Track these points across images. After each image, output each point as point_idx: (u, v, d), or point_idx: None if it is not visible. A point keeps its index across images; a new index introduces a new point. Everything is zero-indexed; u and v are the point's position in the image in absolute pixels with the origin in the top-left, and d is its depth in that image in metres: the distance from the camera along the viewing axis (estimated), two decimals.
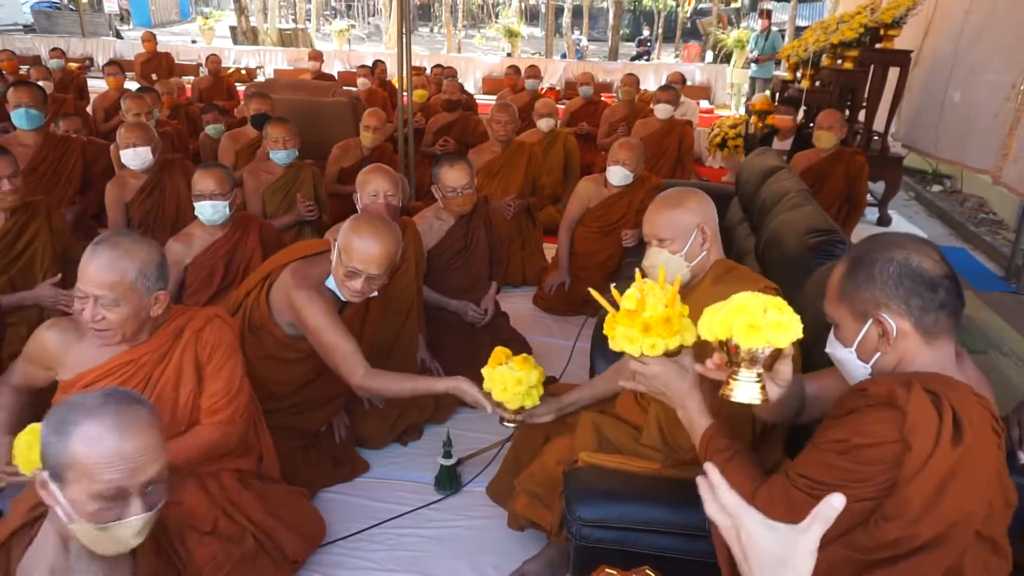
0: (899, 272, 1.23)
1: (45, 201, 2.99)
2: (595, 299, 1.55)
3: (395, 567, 2.19)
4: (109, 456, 1.19)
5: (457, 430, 2.71)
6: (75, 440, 1.19)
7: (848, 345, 1.29)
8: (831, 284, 1.32)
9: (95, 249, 1.70)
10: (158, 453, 1.26)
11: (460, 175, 3.00)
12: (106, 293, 1.68)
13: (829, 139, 4.41)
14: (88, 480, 1.19)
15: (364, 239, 2.13)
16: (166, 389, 1.84)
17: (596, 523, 1.62)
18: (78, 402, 1.23)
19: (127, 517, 1.21)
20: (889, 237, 1.30)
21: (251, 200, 3.75)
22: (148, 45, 9.07)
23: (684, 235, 1.83)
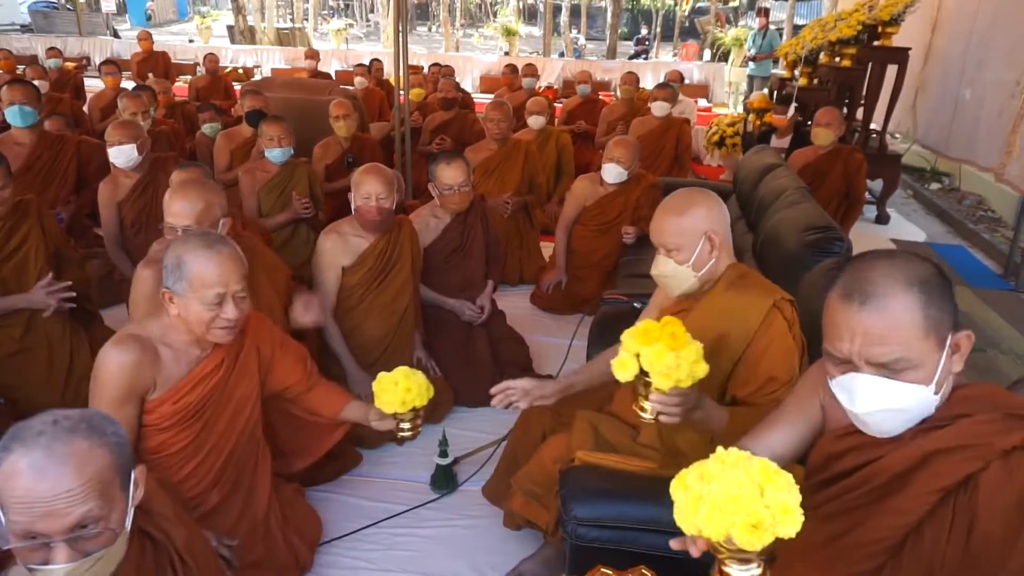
0: (943, 284, 1.10)
1: (36, 200, 2.96)
2: (593, 299, 1.55)
3: (391, 567, 2.18)
4: (19, 496, 1.06)
5: (453, 430, 2.70)
6: (2, 469, 1.07)
7: (927, 383, 1.08)
8: (907, 323, 1.06)
9: (213, 249, 1.69)
10: (89, 495, 1.08)
11: (456, 172, 2.98)
12: (242, 285, 1.73)
13: (827, 136, 4.39)
14: (6, 517, 1.08)
15: (171, 195, 2.19)
16: (235, 387, 1.88)
17: (592, 522, 1.61)
18: (27, 425, 1.12)
19: (53, 563, 1.07)
20: (900, 253, 1.15)
21: (247, 198, 3.73)
22: (144, 44, 9.03)
23: (691, 244, 1.76)
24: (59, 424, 1.12)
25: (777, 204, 3.10)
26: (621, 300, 2.76)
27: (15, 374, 2.74)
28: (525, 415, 2.23)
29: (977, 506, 1.04)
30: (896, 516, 1.11)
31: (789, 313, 1.72)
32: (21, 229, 2.85)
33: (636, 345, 1.45)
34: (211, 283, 1.67)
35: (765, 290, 1.75)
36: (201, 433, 1.84)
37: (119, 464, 1.16)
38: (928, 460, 1.09)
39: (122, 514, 1.16)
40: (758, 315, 1.68)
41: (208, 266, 1.67)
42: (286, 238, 3.73)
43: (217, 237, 1.77)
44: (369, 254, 2.71)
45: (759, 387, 1.67)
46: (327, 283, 2.72)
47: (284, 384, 2.04)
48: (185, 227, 2.12)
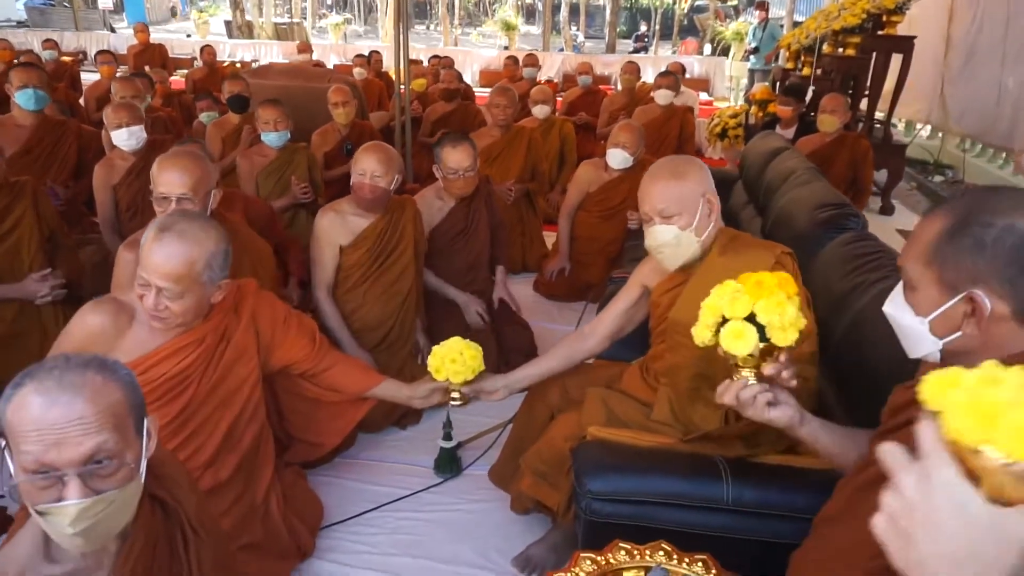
0: (1018, 245, 0.97)
1: (31, 182, 2.89)
2: (597, 285, 1.48)
3: (394, 551, 2.11)
4: (30, 425, 1.00)
5: (457, 414, 2.62)
6: (12, 402, 1.02)
7: (922, 314, 1.07)
8: (920, 239, 1.06)
9: (160, 237, 1.61)
10: (103, 425, 1.03)
11: (462, 156, 2.90)
12: (171, 286, 1.60)
13: (832, 123, 4.35)
14: (16, 450, 1.02)
15: (161, 166, 2.12)
16: (229, 368, 1.81)
17: (608, 496, 1.54)
18: (38, 364, 1.08)
19: (65, 499, 1.01)
20: (1013, 196, 1.04)
21: (245, 183, 3.67)
22: (141, 36, 8.97)
23: (691, 208, 1.71)
24: (71, 360, 1.07)
25: (786, 186, 3.04)
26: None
27: (6, 358, 2.67)
28: (530, 396, 2.16)
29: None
30: None
31: (791, 267, 1.68)
32: (15, 211, 2.78)
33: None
34: (142, 265, 1.62)
35: (764, 247, 1.70)
36: (184, 411, 1.76)
37: (133, 403, 1.10)
38: None
39: (137, 457, 1.10)
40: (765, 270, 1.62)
41: (146, 248, 1.61)
42: (285, 223, 3.65)
43: (182, 227, 1.64)
44: (369, 234, 2.65)
45: None
46: (323, 261, 2.65)
47: (290, 360, 1.98)
48: (180, 196, 2.04)
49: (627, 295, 2.01)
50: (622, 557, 1.29)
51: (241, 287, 1.88)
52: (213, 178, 2.21)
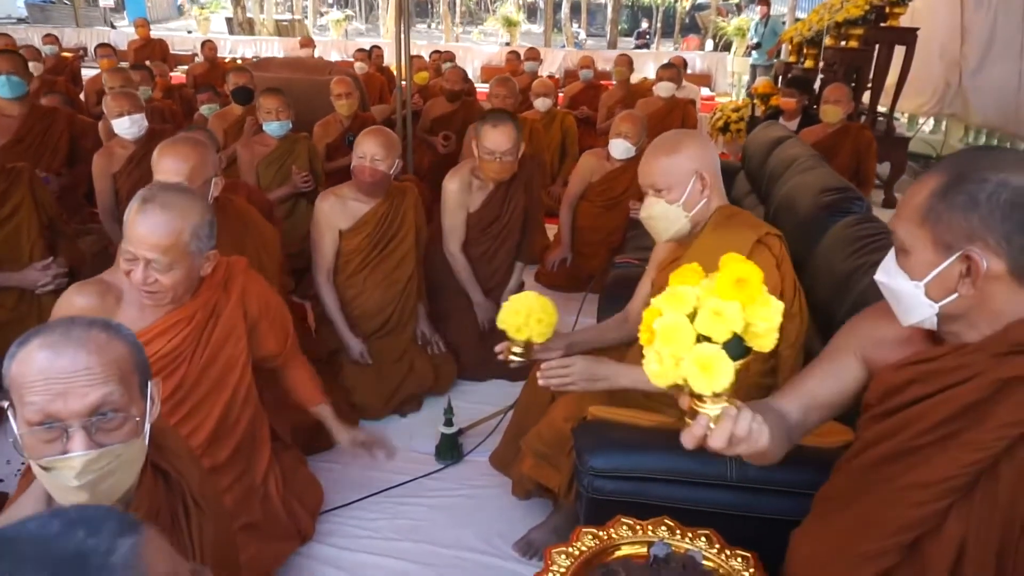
0: (1013, 201, 0.96)
1: (28, 169, 2.88)
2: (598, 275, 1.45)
3: (395, 535, 2.10)
4: (35, 374, 1.00)
5: (458, 401, 2.61)
6: (16, 357, 1.02)
7: (917, 277, 1.04)
8: (912, 201, 1.04)
9: (144, 208, 1.57)
10: (109, 377, 1.03)
11: (501, 139, 2.67)
12: (159, 257, 1.57)
13: (836, 113, 4.32)
14: (20, 405, 1.01)
15: (161, 153, 2.08)
16: (220, 347, 1.77)
17: (609, 473, 1.53)
18: (48, 323, 1.09)
19: (70, 451, 1.00)
20: (1005, 154, 1.05)
21: (246, 173, 3.66)
22: (142, 31, 8.96)
23: (681, 183, 1.72)
24: (76, 320, 1.07)
25: (789, 172, 3.02)
26: (632, 264, 2.68)
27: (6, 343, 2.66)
28: (532, 379, 2.15)
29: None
30: (969, 451, 1.00)
31: (777, 249, 1.67)
32: (13, 197, 2.77)
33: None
34: (128, 238, 1.58)
35: (750, 227, 1.69)
36: (177, 391, 1.74)
37: (137, 362, 1.10)
38: (1009, 388, 0.98)
39: (142, 413, 1.09)
40: (742, 251, 1.61)
41: (131, 221, 1.58)
42: (286, 212, 3.65)
43: (165, 195, 1.62)
44: (369, 219, 2.63)
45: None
46: (323, 245, 2.64)
47: (259, 352, 1.93)
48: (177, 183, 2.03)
49: (647, 278, 2.02)
50: (624, 532, 1.28)
51: (231, 264, 1.85)
52: (213, 166, 2.18)
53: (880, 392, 1.14)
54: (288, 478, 2.06)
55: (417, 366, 2.75)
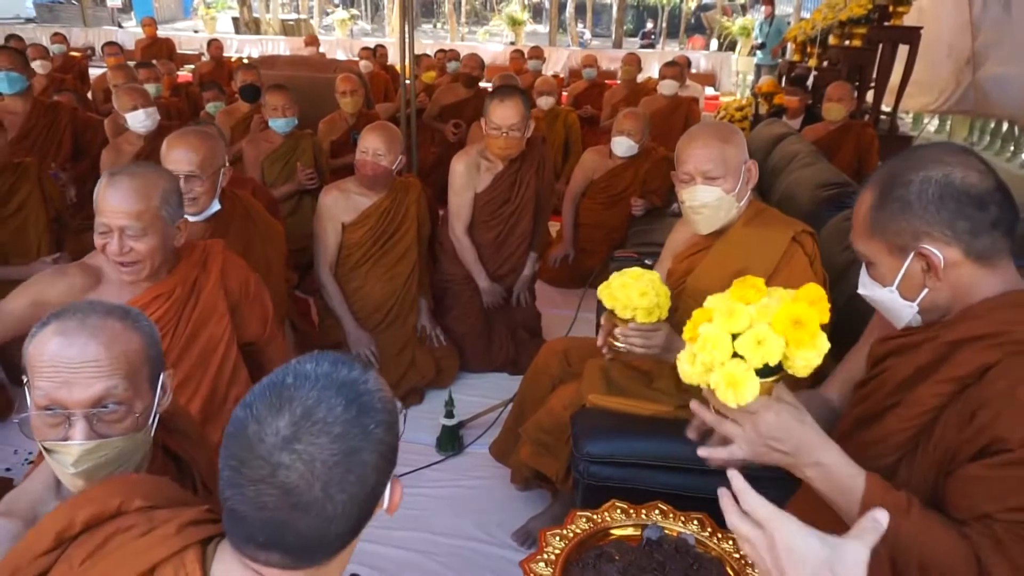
0: (940, 193, 1.02)
1: (35, 164, 2.93)
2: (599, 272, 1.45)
3: (395, 525, 2.11)
4: (46, 361, 1.03)
5: (459, 394, 2.65)
6: (35, 339, 1.05)
7: (888, 284, 1.10)
8: (858, 216, 1.11)
9: (113, 180, 1.59)
10: (115, 370, 1.05)
11: (509, 112, 2.64)
12: (132, 223, 1.58)
13: (839, 111, 4.32)
14: (32, 386, 1.05)
15: (169, 144, 2.08)
16: (201, 324, 1.78)
17: (605, 460, 1.55)
18: (71, 305, 1.11)
19: (67, 441, 1.04)
20: (922, 152, 1.10)
21: (251, 169, 3.68)
22: (149, 30, 9.01)
23: (735, 172, 1.69)
24: (96, 306, 1.10)
25: (790, 168, 3.05)
26: (632, 257, 2.70)
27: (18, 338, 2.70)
28: (534, 368, 2.17)
29: (983, 395, 0.99)
30: (910, 407, 1.07)
31: (810, 247, 1.67)
32: (21, 192, 2.82)
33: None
34: (99, 211, 1.59)
35: (785, 224, 1.70)
36: None
37: (150, 355, 1.12)
38: (953, 350, 1.04)
39: (148, 409, 1.11)
40: (778, 249, 1.63)
41: (102, 193, 1.59)
42: (290, 209, 3.68)
43: (132, 168, 1.64)
44: (372, 212, 2.66)
45: None
46: (326, 238, 2.67)
47: (242, 334, 1.93)
48: (187, 173, 2.05)
49: (662, 267, 2.03)
50: (618, 516, 1.30)
51: (208, 246, 1.85)
52: (222, 156, 2.21)
53: (869, 364, 1.21)
54: None
55: (418, 359, 2.77)
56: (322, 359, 0.80)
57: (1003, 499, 0.93)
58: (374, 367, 0.83)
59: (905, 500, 0.99)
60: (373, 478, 0.77)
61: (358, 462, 0.75)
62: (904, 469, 1.09)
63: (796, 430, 1.03)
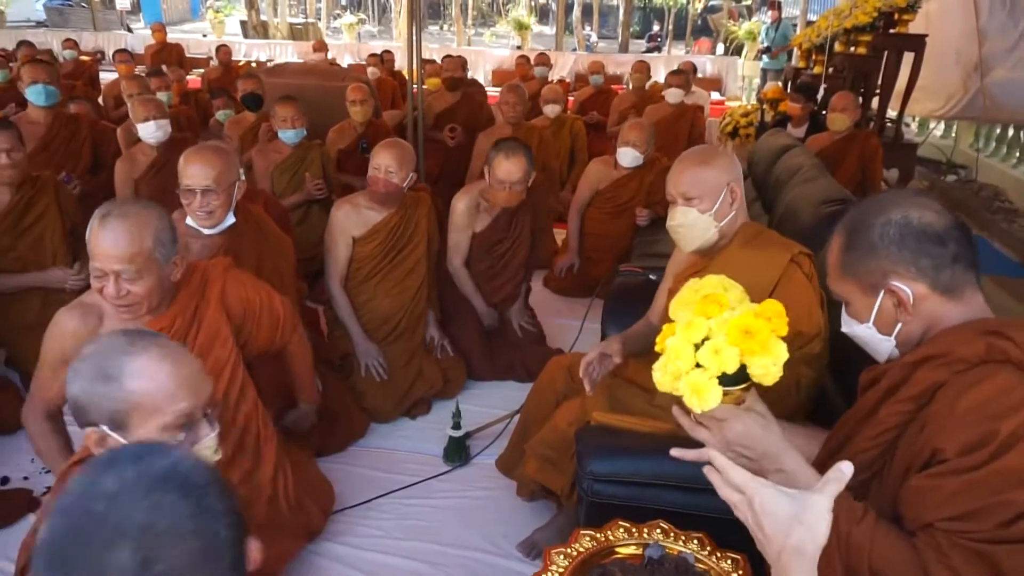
0: (900, 233, 1.11)
1: (52, 177, 2.99)
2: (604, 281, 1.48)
3: (404, 536, 2.17)
4: (173, 386, 1.16)
5: (466, 404, 2.68)
6: (130, 384, 1.14)
7: (864, 321, 1.18)
8: (830, 260, 1.21)
9: (104, 223, 1.59)
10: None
11: (513, 169, 2.76)
12: (126, 267, 1.59)
13: (843, 121, 4.35)
14: (158, 415, 1.16)
15: (187, 159, 2.16)
16: (206, 351, 1.81)
17: (608, 478, 1.59)
18: (102, 349, 1.17)
19: (200, 440, 1.20)
20: (882, 197, 1.20)
21: (260, 179, 3.74)
22: (158, 36, 9.10)
23: (713, 193, 1.76)
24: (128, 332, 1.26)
25: (793, 181, 3.07)
26: (636, 272, 2.74)
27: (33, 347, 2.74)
28: (539, 384, 2.21)
29: (931, 411, 1.05)
30: (874, 427, 1.13)
31: (808, 267, 1.71)
32: (38, 205, 2.87)
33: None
34: (93, 255, 1.61)
35: (783, 245, 1.73)
36: None
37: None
38: (912, 371, 1.11)
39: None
40: (776, 270, 1.67)
41: (93, 237, 1.60)
42: (299, 218, 3.73)
43: (122, 208, 1.64)
44: (382, 227, 2.71)
45: (788, 342, 1.64)
46: (337, 251, 2.72)
47: (253, 348, 1.98)
48: (204, 187, 2.11)
49: (664, 287, 2.08)
50: (621, 534, 1.34)
51: (207, 268, 1.89)
52: (236, 171, 2.26)
53: (860, 389, 1.26)
54: (301, 476, 2.12)
55: (426, 370, 2.82)
56: (114, 464, 0.68)
57: (941, 508, 0.99)
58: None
59: (860, 509, 1.06)
60: (233, 552, 0.68)
61: (218, 546, 0.66)
62: (875, 488, 1.14)
63: (761, 439, 1.13)
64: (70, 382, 1.17)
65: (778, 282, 1.67)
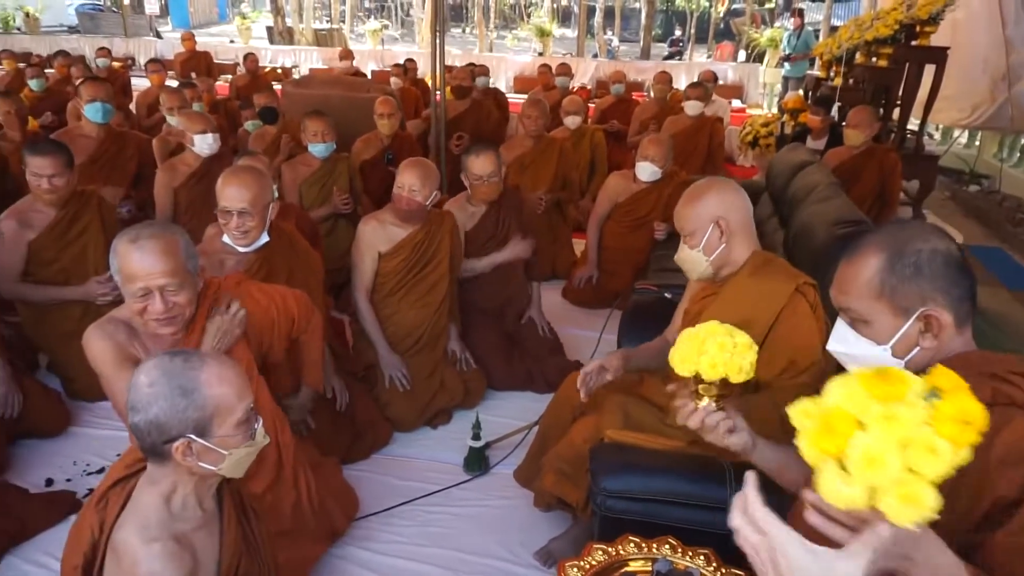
0: (945, 262, 1.15)
1: (96, 192, 3.13)
2: (624, 293, 1.57)
3: (425, 542, 2.27)
4: (239, 386, 1.32)
5: (486, 415, 2.78)
6: (208, 392, 1.28)
7: (883, 342, 1.19)
8: (862, 279, 1.19)
9: (139, 245, 1.68)
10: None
11: (485, 163, 3.04)
12: (170, 280, 1.70)
13: (858, 137, 4.37)
14: (232, 415, 1.31)
15: (225, 181, 2.27)
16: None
17: (620, 495, 1.67)
18: (164, 373, 1.28)
19: (257, 426, 1.37)
20: (914, 225, 1.23)
21: (289, 192, 3.86)
22: (188, 44, 9.30)
23: (701, 229, 1.84)
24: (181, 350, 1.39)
25: (808, 200, 3.12)
26: (652, 290, 2.81)
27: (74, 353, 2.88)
28: (557, 398, 2.30)
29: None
30: None
31: (812, 297, 1.77)
32: (83, 219, 3.01)
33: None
34: (133, 277, 1.69)
35: (788, 275, 1.80)
36: None
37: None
38: None
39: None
40: (780, 300, 1.74)
41: (129, 261, 1.68)
42: (326, 231, 3.84)
43: (149, 229, 1.73)
44: (407, 243, 2.81)
45: (781, 371, 1.73)
46: (363, 266, 2.82)
47: (274, 352, 2.08)
48: (240, 209, 2.23)
49: (681, 307, 2.17)
50: (631, 549, 1.43)
51: (222, 284, 1.98)
52: (271, 192, 2.38)
53: None
54: (326, 482, 2.22)
55: (448, 382, 2.92)
56: None
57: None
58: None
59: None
60: None
61: None
62: None
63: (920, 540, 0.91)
64: (144, 408, 1.27)
65: (781, 311, 1.74)
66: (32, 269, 2.91)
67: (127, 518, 1.32)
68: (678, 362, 1.42)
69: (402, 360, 2.85)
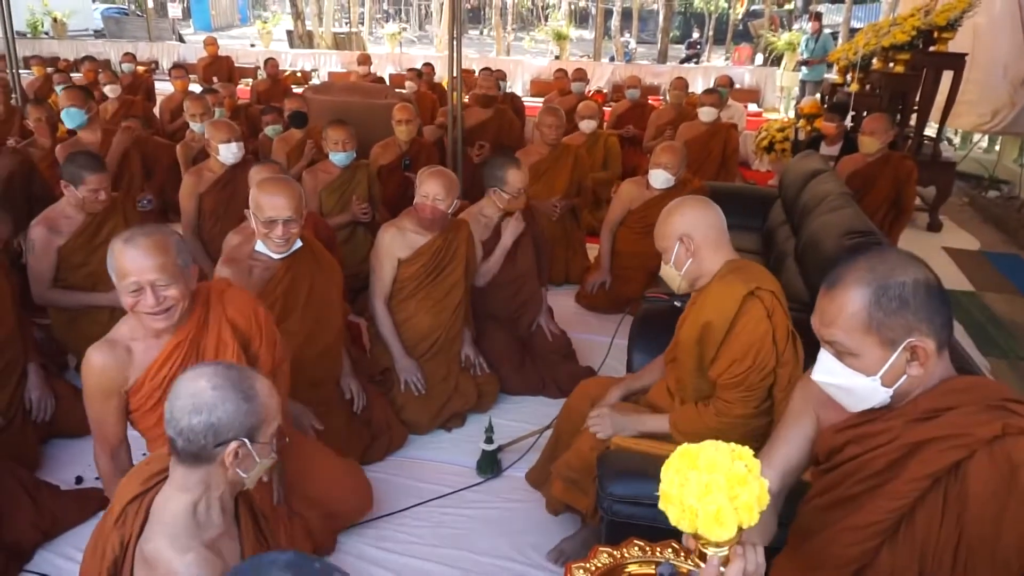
0: (927, 292, 1.17)
1: (121, 197, 3.23)
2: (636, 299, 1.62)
3: (437, 543, 2.33)
4: (279, 403, 1.43)
5: (499, 419, 2.84)
6: (262, 400, 1.37)
7: (872, 373, 1.21)
8: (847, 313, 1.19)
9: (132, 244, 1.74)
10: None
11: (525, 176, 3.15)
12: (160, 275, 1.75)
13: (872, 144, 4.38)
14: (270, 426, 1.39)
15: (267, 191, 2.32)
16: (209, 356, 1.93)
17: (627, 499, 1.73)
18: (231, 373, 1.35)
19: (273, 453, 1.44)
20: (893, 255, 1.24)
21: (308, 198, 3.93)
22: (211, 49, 9.46)
23: (670, 247, 1.96)
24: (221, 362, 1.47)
25: (819, 209, 3.16)
26: (662, 299, 2.86)
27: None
28: (568, 406, 2.36)
29: (967, 492, 1.13)
30: (890, 500, 1.20)
31: (768, 301, 1.82)
32: (109, 223, 3.11)
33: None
34: (125, 273, 1.74)
35: (744, 281, 1.84)
36: None
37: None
38: (917, 449, 1.19)
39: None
40: (734, 303, 1.82)
41: (122, 258, 1.74)
42: (345, 238, 3.93)
43: (142, 230, 1.79)
44: (425, 250, 2.88)
45: (724, 370, 1.85)
46: (382, 272, 2.89)
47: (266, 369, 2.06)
48: (286, 219, 2.32)
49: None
50: (635, 552, 1.48)
51: (212, 287, 2.02)
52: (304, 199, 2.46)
53: (825, 451, 1.35)
54: (325, 488, 2.22)
55: (462, 385, 2.99)
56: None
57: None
58: None
59: None
60: None
61: None
62: (886, 552, 1.23)
63: None
64: (210, 410, 1.32)
65: (735, 314, 1.82)
66: (62, 274, 3.02)
67: (154, 529, 1.36)
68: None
69: (417, 364, 2.92)
